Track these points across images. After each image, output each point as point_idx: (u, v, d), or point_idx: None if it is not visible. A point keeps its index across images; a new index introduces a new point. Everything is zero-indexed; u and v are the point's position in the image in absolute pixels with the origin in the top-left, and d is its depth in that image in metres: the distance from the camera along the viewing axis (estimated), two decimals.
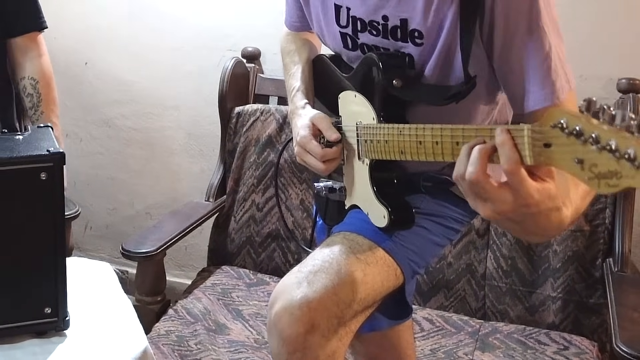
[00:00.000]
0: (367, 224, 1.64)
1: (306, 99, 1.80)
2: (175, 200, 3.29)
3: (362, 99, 1.62)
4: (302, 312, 1.48)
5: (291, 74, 1.88)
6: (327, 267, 1.54)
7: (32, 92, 2.26)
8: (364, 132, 1.60)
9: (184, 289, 2.79)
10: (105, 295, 1.78)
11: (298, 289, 1.50)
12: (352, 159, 1.68)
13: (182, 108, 3.23)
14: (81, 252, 3.56)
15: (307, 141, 1.68)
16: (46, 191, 1.49)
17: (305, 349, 1.49)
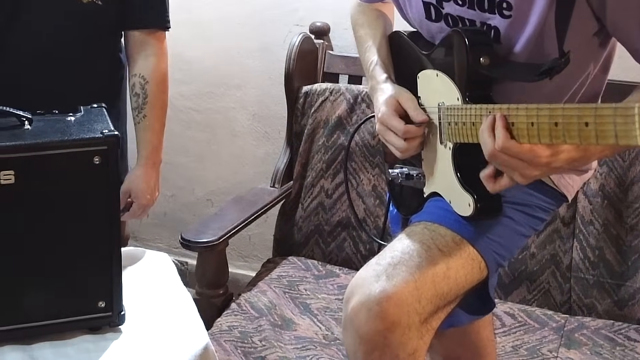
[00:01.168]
0: (449, 213, 1.64)
1: (387, 73, 1.79)
2: (238, 186, 3.29)
3: (445, 78, 1.61)
4: (381, 308, 1.48)
5: (367, 47, 1.87)
6: (408, 259, 1.54)
7: (140, 92, 2.24)
8: (447, 114, 1.59)
9: (247, 281, 2.80)
10: (163, 288, 1.80)
11: (376, 282, 1.50)
12: (433, 142, 1.67)
13: (246, 87, 3.24)
14: (137, 242, 3.58)
15: (388, 117, 1.68)
16: (100, 176, 1.51)
17: (384, 347, 1.50)
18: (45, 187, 1.49)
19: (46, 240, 1.51)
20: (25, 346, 1.54)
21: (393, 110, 1.68)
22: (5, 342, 1.53)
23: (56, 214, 1.51)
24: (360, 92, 2.79)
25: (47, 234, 1.51)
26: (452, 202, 1.63)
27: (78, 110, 1.67)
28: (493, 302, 1.72)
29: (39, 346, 1.54)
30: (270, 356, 2.26)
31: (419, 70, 1.71)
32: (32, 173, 1.47)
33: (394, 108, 1.68)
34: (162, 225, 3.59)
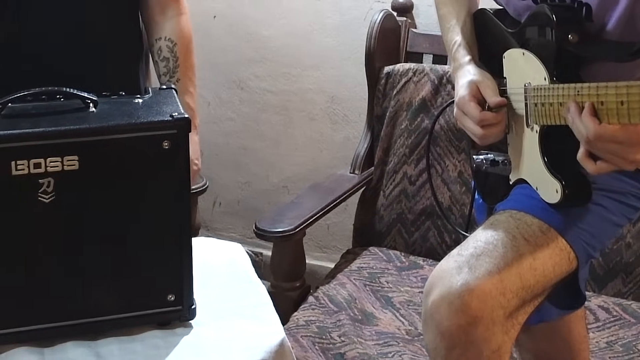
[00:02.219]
0: (536, 201, 1.63)
1: (470, 54, 1.79)
2: (316, 172, 3.30)
3: (532, 57, 1.61)
4: (463, 302, 1.48)
5: (450, 27, 1.87)
6: (492, 249, 1.54)
7: (169, 55, 2.24)
8: (533, 95, 1.59)
9: (326, 273, 2.81)
10: (237, 281, 1.79)
11: (458, 275, 1.51)
12: (518, 126, 1.67)
13: (324, 67, 3.24)
14: (209, 232, 3.60)
15: (465, 102, 1.68)
16: (169, 162, 1.50)
17: (466, 343, 1.50)
18: (111, 173, 1.49)
19: (112, 230, 1.52)
20: (90, 342, 1.54)
21: (471, 95, 1.68)
22: (69, 338, 1.54)
23: (122, 202, 1.51)
24: (445, 73, 2.78)
25: (113, 224, 1.51)
26: (539, 189, 1.63)
27: (146, 92, 1.67)
28: (584, 295, 1.71)
29: (104, 342, 1.55)
30: (350, 353, 2.27)
31: (504, 50, 1.71)
32: (98, 158, 1.47)
33: (472, 93, 1.68)
34: (236, 213, 3.61)
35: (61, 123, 1.47)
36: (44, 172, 1.43)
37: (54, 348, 1.52)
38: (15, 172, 1.42)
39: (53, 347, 1.52)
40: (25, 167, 1.42)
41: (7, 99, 1.50)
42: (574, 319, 1.93)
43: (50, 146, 1.44)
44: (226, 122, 3.48)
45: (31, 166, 1.42)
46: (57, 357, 1.50)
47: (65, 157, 1.44)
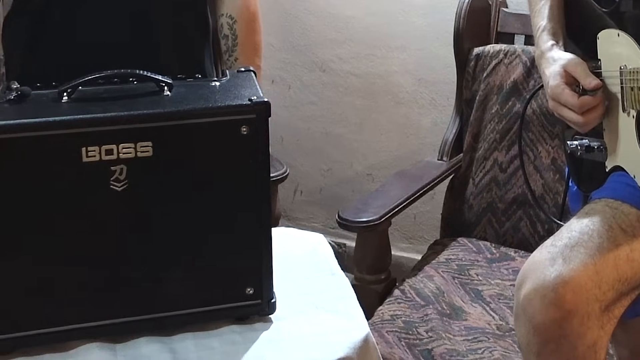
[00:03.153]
0: (633, 189, 1.62)
1: (553, 39, 1.78)
2: (402, 159, 3.30)
3: (628, 39, 1.58)
4: (557, 295, 1.48)
5: (537, 10, 1.87)
6: (587, 240, 1.54)
7: (228, 33, 2.25)
8: (630, 78, 1.56)
9: (412, 265, 2.79)
10: (319, 273, 1.78)
11: (552, 266, 1.51)
12: (614, 111, 1.65)
13: (410, 49, 3.23)
14: (290, 221, 3.62)
15: (560, 92, 1.66)
16: (248, 148, 1.50)
17: (560, 338, 1.50)
18: (186, 160, 1.48)
19: (187, 220, 1.51)
20: (165, 338, 1.54)
21: (563, 82, 1.66)
22: (142, 333, 1.54)
23: (198, 191, 1.50)
24: None
25: (189, 213, 1.50)
26: (636, 177, 1.61)
27: (223, 75, 1.66)
28: None
29: (179, 337, 1.54)
30: (438, 349, 2.24)
31: (598, 30, 1.68)
32: (172, 144, 1.47)
33: (563, 80, 1.66)
34: (317, 202, 3.62)
35: (134, 107, 1.46)
36: (116, 158, 1.43)
37: (126, 344, 1.52)
38: (86, 159, 1.41)
39: (125, 343, 1.52)
40: (96, 154, 1.41)
41: (77, 81, 1.49)
42: None
43: (122, 131, 1.43)
44: (307, 107, 3.48)
45: (103, 152, 1.42)
46: (129, 353, 1.50)
47: (139, 143, 1.44)
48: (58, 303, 1.47)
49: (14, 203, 1.41)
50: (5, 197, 1.40)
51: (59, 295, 1.47)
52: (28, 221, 1.42)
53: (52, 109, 1.44)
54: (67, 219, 1.44)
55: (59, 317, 1.47)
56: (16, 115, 1.41)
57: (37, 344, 1.48)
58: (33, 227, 1.43)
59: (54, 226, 1.44)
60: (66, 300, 1.47)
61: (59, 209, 1.43)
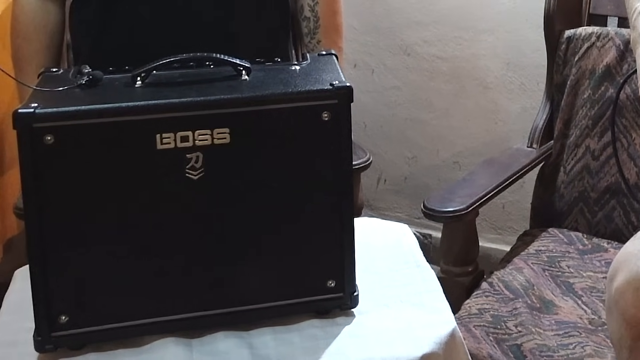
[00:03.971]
0: None
1: None
2: (490, 146, 3.28)
3: None
4: None
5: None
6: None
7: (309, 15, 2.25)
8: None
9: (501, 257, 2.74)
10: (403, 265, 1.77)
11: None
12: None
13: (499, 31, 3.20)
14: (373, 211, 3.62)
15: None
16: (329, 135, 1.49)
17: None
18: (265, 147, 1.47)
19: (266, 210, 1.50)
20: (243, 332, 1.53)
21: None
22: (219, 328, 1.54)
23: (279, 180, 1.50)
24: None
25: (268, 203, 1.50)
26: None
27: (304, 58, 1.66)
28: None
29: (258, 332, 1.54)
30: (527, 344, 2.20)
31: None
32: (251, 131, 1.46)
33: None
34: (402, 191, 3.60)
35: (211, 92, 1.45)
36: (192, 146, 1.42)
37: (202, 339, 1.52)
38: (161, 146, 1.41)
39: (202, 338, 1.52)
40: (171, 141, 1.41)
41: (151, 65, 1.49)
42: None
43: (198, 117, 1.42)
44: (392, 92, 3.47)
45: (178, 139, 1.41)
46: (206, 349, 1.50)
47: (216, 130, 1.43)
48: (132, 296, 1.47)
49: (87, 193, 1.41)
50: (77, 186, 1.40)
51: (133, 288, 1.47)
52: (101, 211, 1.42)
53: (125, 94, 1.44)
54: (141, 209, 1.44)
55: (132, 310, 1.47)
56: (88, 100, 1.41)
57: (109, 339, 1.48)
58: (106, 217, 1.43)
59: (128, 216, 1.44)
60: (140, 293, 1.47)
61: (132, 199, 1.43)
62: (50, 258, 1.41)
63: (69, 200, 1.40)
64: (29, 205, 1.39)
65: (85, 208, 1.41)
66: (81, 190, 1.40)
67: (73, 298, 1.44)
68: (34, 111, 1.36)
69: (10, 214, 2.55)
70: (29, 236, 1.40)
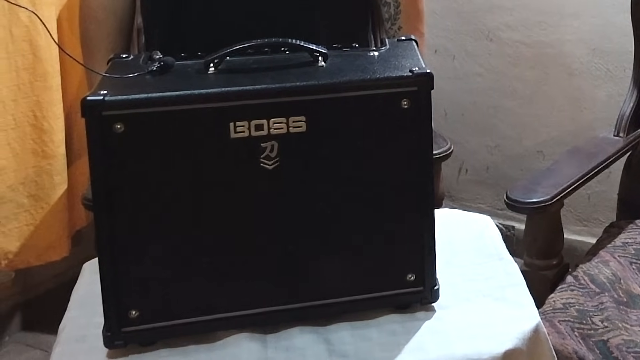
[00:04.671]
0: None
1: None
2: (575, 134, 3.26)
3: None
4: None
5: None
6: None
7: (390, 0, 2.25)
8: None
9: (586, 249, 2.71)
10: (485, 258, 1.75)
11: None
12: None
13: (584, 16, 3.19)
14: (454, 202, 3.63)
15: None
16: (409, 123, 1.46)
17: None
18: (342, 136, 1.45)
19: (344, 201, 1.48)
20: (319, 327, 1.52)
21: None
22: (295, 323, 1.52)
23: (356, 169, 1.47)
24: None
25: (346, 194, 1.48)
26: None
27: (382, 44, 1.63)
28: None
29: (335, 327, 1.52)
30: (614, 340, 2.16)
31: None
32: (328, 119, 1.44)
33: None
34: (484, 182, 3.61)
35: (286, 79, 1.44)
36: (267, 134, 1.41)
37: (277, 334, 1.50)
38: (234, 135, 1.39)
39: (277, 334, 1.51)
40: (245, 129, 1.39)
41: (225, 51, 1.48)
42: None
43: (273, 105, 1.41)
44: (473, 78, 3.47)
45: (252, 128, 1.40)
46: (281, 345, 1.48)
47: (291, 118, 1.42)
48: (204, 290, 1.46)
49: (158, 183, 1.40)
50: (147, 177, 1.39)
51: (205, 282, 1.46)
52: (173, 202, 1.41)
53: (198, 81, 1.43)
54: (214, 199, 1.43)
55: (205, 305, 1.46)
56: (159, 87, 1.40)
57: (181, 334, 1.48)
58: (178, 209, 1.42)
59: (201, 207, 1.43)
60: (213, 288, 1.46)
61: (206, 189, 1.42)
62: (120, 251, 1.40)
63: (140, 191, 1.39)
64: (98, 196, 1.38)
65: (156, 199, 1.40)
66: (152, 181, 1.39)
67: (144, 292, 1.43)
68: (103, 99, 1.35)
69: (79, 205, 2.56)
70: (98, 228, 1.39)
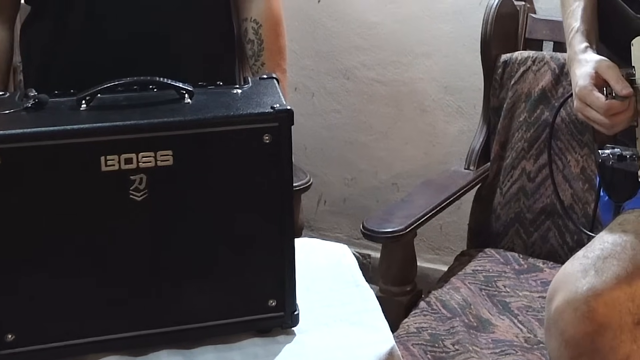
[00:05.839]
0: None
1: (587, 41, 1.77)
2: (428, 168, 3.29)
3: None
4: (589, 308, 1.48)
5: (570, 12, 1.84)
6: (620, 252, 1.53)
7: (254, 38, 2.25)
8: None
9: (438, 276, 2.78)
10: (343, 285, 1.77)
11: (584, 278, 1.51)
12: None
13: (436, 55, 3.22)
14: (313, 232, 3.62)
15: (588, 92, 1.65)
16: (270, 157, 1.48)
17: (592, 352, 1.50)
18: (207, 169, 1.47)
19: (209, 230, 1.49)
20: (185, 351, 1.53)
21: (591, 83, 1.65)
22: (163, 346, 1.52)
23: (220, 200, 1.49)
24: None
25: (210, 223, 1.49)
26: None
27: (245, 82, 1.65)
28: None
29: (200, 350, 1.53)
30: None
31: (633, 36, 1.65)
32: (193, 153, 1.45)
33: (592, 81, 1.65)
34: (341, 213, 3.61)
35: (154, 115, 1.45)
36: (136, 168, 1.41)
37: (146, 357, 1.50)
38: (105, 168, 1.40)
39: (146, 356, 1.50)
40: (115, 163, 1.40)
41: (96, 89, 1.48)
42: None
43: (142, 140, 1.41)
44: (331, 114, 3.48)
45: (122, 162, 1.40)
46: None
47: (159, 152, 1.42)
48: (77, 315, 1.45)
49: (32, 213, 1.40)
50: (23, 207, 1.39)
51: (78, 307, 1.45)
52: (46, 231, 1.41)
53: (71, 117, 1.43)
54: (85, 229, 1.43)
55: (78, 329, 1.45)
56: (33, 123, 1.40)
57: (55, 358, 1.46)
58: (51, 237, 1.42)
59: (73, 236, 1.43)
60: (85, 312, 1.46)
61: (77, 219, 1.42)
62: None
63: (15, 221, 1.39)
64: None
65: (31, 229, 1.40)
66: (27, 212, 1.39)
67: (19, 317, 1.43)
68: None
69: None
70: None
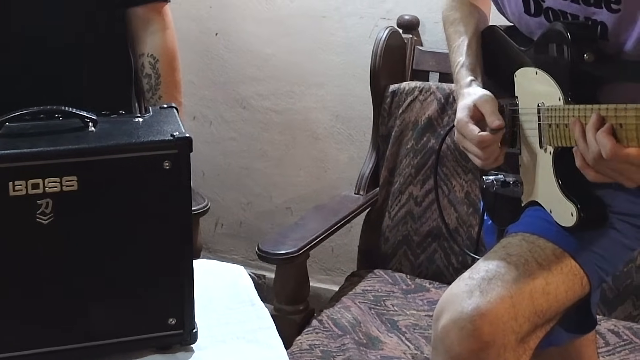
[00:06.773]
0: (549, 224, 1.63)
1: (472, 75, 1.79)
2: (319, 193, 3.30)
3: (545, 77, 1.60)
4: (474, 327, 1.48)
5: (455, 47, 1.87)
6: (504, 273, 1.54)
7: (151, 72, 2.26)
8: (547, 116, 1.58)
9: (330, 296, 2.80)
10: (239, 304, 1.78)
11: (469, 299, 1.51)
12: (531, 147, 1.67)
13: (328, 85, 3.24)
14: (211, 254, 3.61)
15: (464, 124, 1.69)
16: (170, 182, 1.49)
17: None
18: (111, 194, 1.47)
19: (111, 252, 1.50)
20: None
21: (469, 116, 1.68)
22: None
23: (123, 223, 1.50)
24: (452, 91, 2.75)
25: (113, 245, 1.50)
26: (552, 212, 1.63)
27: (147, 111, 1.66)
28: (595, 319, 1.72)
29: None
30: None
31: (516, 69, 1.71)
32: (97, 179, 1.46)
33: (470, 114, 1.68)
34: (238, 235, 3.60)
35: (60, 142, 1.45)
36: (42, 192, 1.42)
37: None
38: (13, 193, 1.40)
39: None
40: (23, 188, 1.40)
41: (4, 118, 1.49)
42: (584, 343, 1.93)
43: (48, 166, 1.42)
44: (228, 142, 3.48)
45: (29, 187, 1.41)
46: None
47: (64, 178, 1.43)
48: None
49: None
50: None
51: None
52: None
53: None
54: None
55: None
56: None
57: None
58: None
59: None
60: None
61: None
62: None
63: None
64: None
65: None
66: None
67: None
68: None
69: None
70: None
